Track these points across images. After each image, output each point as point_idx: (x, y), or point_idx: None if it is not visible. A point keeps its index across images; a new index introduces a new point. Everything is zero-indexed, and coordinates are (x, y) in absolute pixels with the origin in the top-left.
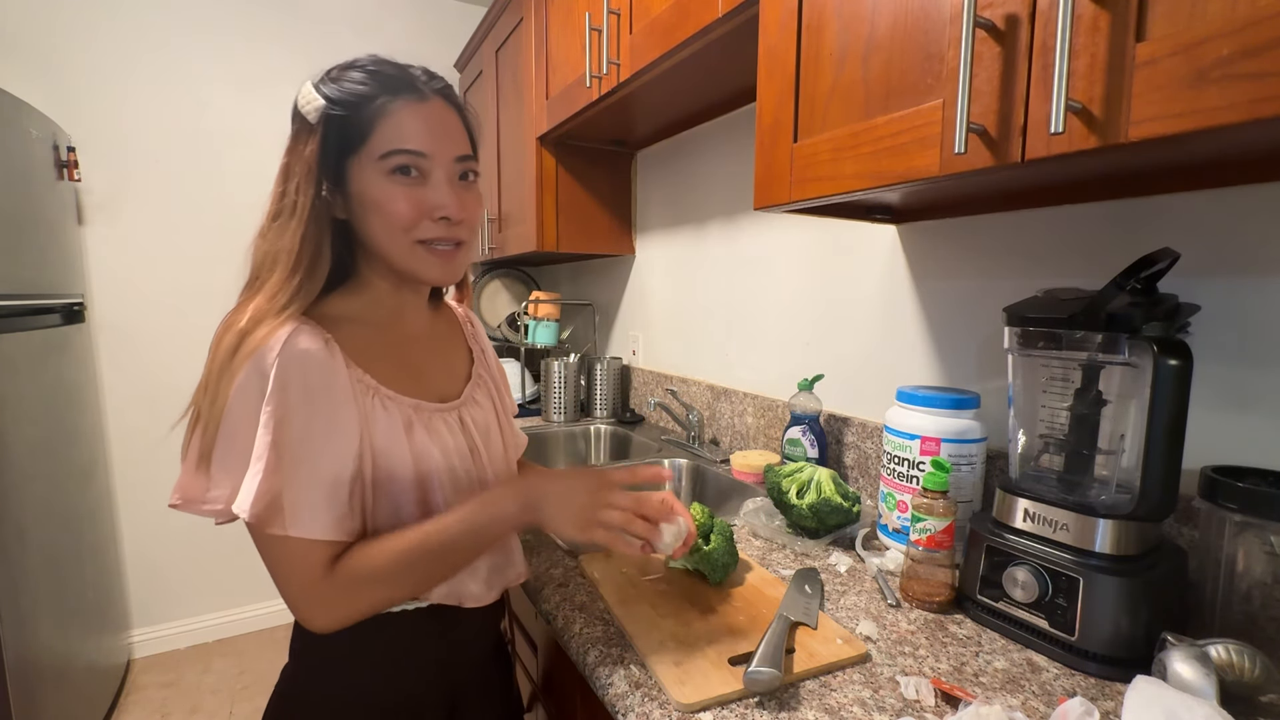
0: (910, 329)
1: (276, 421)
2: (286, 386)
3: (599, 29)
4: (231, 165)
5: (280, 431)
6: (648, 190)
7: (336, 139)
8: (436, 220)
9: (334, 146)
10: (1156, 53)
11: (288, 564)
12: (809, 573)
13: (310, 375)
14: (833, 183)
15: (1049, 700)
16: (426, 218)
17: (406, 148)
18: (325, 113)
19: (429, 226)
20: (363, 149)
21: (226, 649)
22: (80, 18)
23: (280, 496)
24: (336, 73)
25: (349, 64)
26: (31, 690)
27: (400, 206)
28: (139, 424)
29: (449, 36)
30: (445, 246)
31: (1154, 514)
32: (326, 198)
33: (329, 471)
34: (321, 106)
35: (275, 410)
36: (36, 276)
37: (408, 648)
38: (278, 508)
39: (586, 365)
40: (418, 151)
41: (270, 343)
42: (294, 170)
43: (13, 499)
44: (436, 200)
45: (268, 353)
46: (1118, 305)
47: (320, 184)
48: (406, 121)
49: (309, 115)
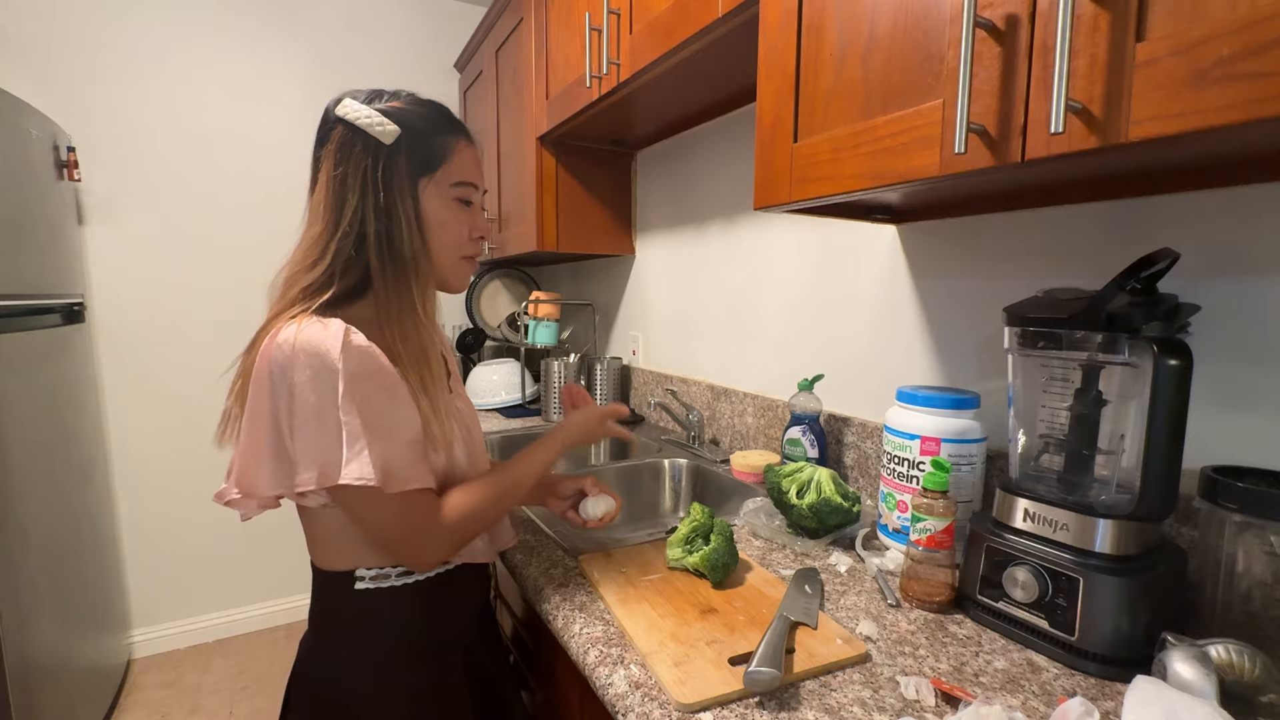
0: (910, 329)
1: (360, 405)
2: (357, 376)
3: (599, 29)
4: (231, 165)
5: (366, 412)
6: (648, 190)
7: (417, 160)
8: (475, 240)
9: (414, 166)
10: (1156, 53)
11: (408, 516)
12: (809, 573)
13: (370, 363)
14: (833, 183)
15: (1049, 700)
16: (471, 238)
17: (473, 181)
18: (404, 137)
19: (470, 245)
20: (439, 173)
21: (226, 649)
22: (80, 18)
23: (388, 461)
24: (389, 100)
25: (389, 93)
26: (31, 690)
27: (459, 227)
28: (139, 424)
29: (449, 36)
30: (475, 260)
31: (1154, 514)
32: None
33: (412, 435)
34: (398, 131)
35: (355, 396)
36: (36, 276)
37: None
38: (390, 470)
39: (586, 365)
40: (478, 185)
41: (330, 341)
42: (355, 183)
43: (13, 499)
44: (480, 224)
45: (330, 350)
46: (1118, 305)
47: (390, 196)
48: (469, 158)
49: (382, 136)
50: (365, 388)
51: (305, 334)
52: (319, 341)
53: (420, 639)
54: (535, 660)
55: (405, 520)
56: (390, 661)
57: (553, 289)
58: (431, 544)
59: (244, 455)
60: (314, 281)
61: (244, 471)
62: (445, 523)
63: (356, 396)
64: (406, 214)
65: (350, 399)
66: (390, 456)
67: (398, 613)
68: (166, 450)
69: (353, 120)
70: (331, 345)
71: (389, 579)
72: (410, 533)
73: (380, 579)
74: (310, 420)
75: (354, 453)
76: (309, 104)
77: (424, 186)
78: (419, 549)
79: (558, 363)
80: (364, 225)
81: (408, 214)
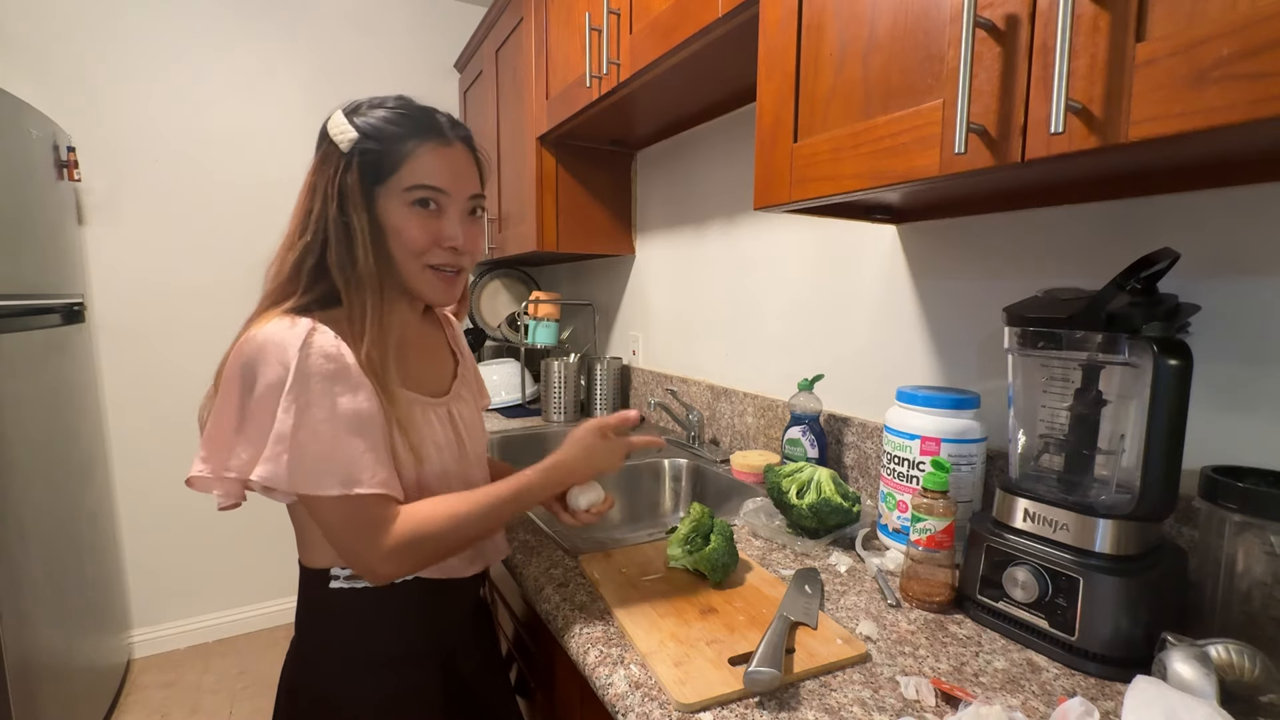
0: (910, 329)
1: (299, 405)
2: (309, 376)
3: (599, 29)
4: (231, 165)
5: (306, 413)
6: (648, 190)
7: (371, 169)
8: (445, 248)
9: (368, 175)
10: (1156, 53)
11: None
12: (809, 573)
13: (328, 364)
14: (833, 183)
15: (1049, 700)
16: (437, 245)
17: (430, 184)
18: (359, 145)
19: (438, 253)
20: (391, 179)
21: (226, 649)
22: (80, 18)
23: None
24: (367, 108)
25: (379, 101)
26: (31, 690)
27: (417, 234)
28: (139, 424)
29: (449, 36)
30: (449, 272)
31: (1154, 514)
32: (346, 218)
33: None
34: (355, 139)
35: (298, 397)
36: (36, 276)
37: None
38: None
39: (586, 365)
40: (439, 189)
41: (290, 339)
42: (320, 190)
43: (13, 499)
44: (449, 231)
45: (289, 348)
46: (1118, 305)
47: (344, 205)
48: (431, 161)
49: (341, 144)
50: (315, 388)
51: (268, 330)
52: (280, 339)
53: (395, 642)
54: (535, 660)
55: (348, 527)
56: (363, 663)
57: (553, 289)
58: (376, 557)
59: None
60: (277, 289)
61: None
62: (395, 536)
63: (300, 396)
64: (360, 223)
65: (292, 397)
66: (322, 459)
67: (372, 614)
68: (166, 450)
69: (329, 131)
70: (291, 343)
71: (362, 579)
72: (354, 540)
73: (354, 579)
74: (255, 413)
75: (273, 452)
76: (309, 104)
77: (380, 195)
78: (363, 559)
79: (558, 363)
80: (326, 233)
81: (361, 224)
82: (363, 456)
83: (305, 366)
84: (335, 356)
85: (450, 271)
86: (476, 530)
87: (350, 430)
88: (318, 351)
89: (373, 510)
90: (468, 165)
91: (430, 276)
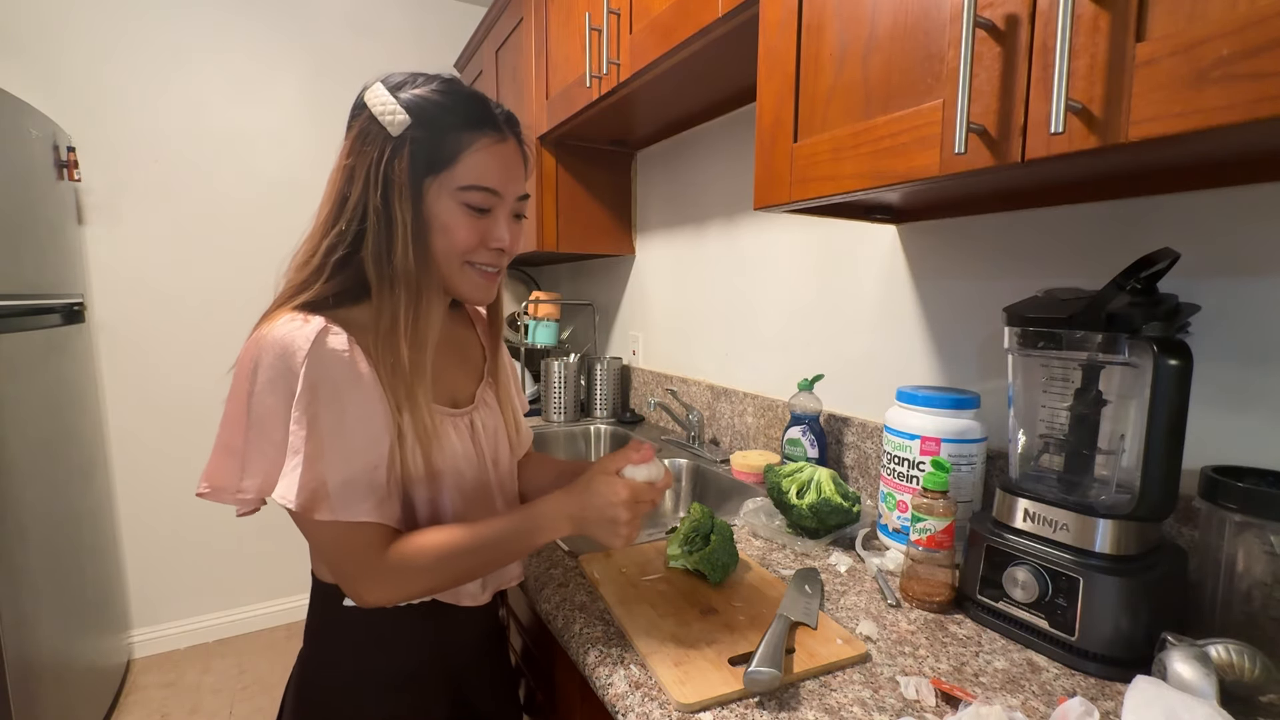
0: (910, 329)
1: (310, 417)
2: (317, 384)
3: (599, 29)
4: (231, 165)
5: (314, 426)
6: (648, 190)
7: (422, 157)
8: (491, 249)
9: (418, 164)
10: (1156, 53)
11: (338, 546)
12: (809, 573)
13: (338, 370)
14: (833, 183)
15: (1049, 700)
16: (484, 246)
17: (486, 185)
18: (411, 131)
19: (483, 253)
20: (445, 174)
21: (226, 649)
22: (81, 18)
23: (324, 485)
24: (414, 86)
25: (424, 77)
26: (31, 690)
27: (465, 235)
28: (139, 424)
29: (449, 36)
30: (490, 270)
31: (1154, 514)
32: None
33: (366, 459)
34: (407, 123)
35: (308, 407)
36: (36, 276)
37: (410, 635)
38: (322, 496)
39: (586, 365)
40: (494, 190)
41: (299, 341)
42: (361, 175)
43: (13, 499)
44: (497, 234)
45: (297, 352)
46: (1118, 305)
47: (388, 194)
48: (488, 160)
49: (390, 126)
50: (326, 396)
51: (278, 331)
52: (290, 340)
53: (405, 664)
54: (535, 660)
55: (340, 551)
56: (372, 682)
57: (553, 289)
58: (367, 584)
59: (216, 450)
60: (302, 280)
61: (214, 463)
62: (388, 566)
63: (312, 405)
64: (404, 216)
65: (303, 406)
66: (331, 478)
67: (382, 635)
68: (166, 450)
69: (372, 107)
70: (300, 345)
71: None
72: (343, 562)
73: None
74: (264, 424)
75: (289, 468)
76: (309, 104)
77: (429, 186)
78: (354, 584)
79: (558, 363)
80: (363, 223)
81: (404, 216)
82: (364, 478)
83: (316, 373)
84: (347, 362)
85: (492, 270)
86: (472, 564)
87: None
88: (330, 356)
89: (363, 535)
90: (518, 163)
91: (471, 275)
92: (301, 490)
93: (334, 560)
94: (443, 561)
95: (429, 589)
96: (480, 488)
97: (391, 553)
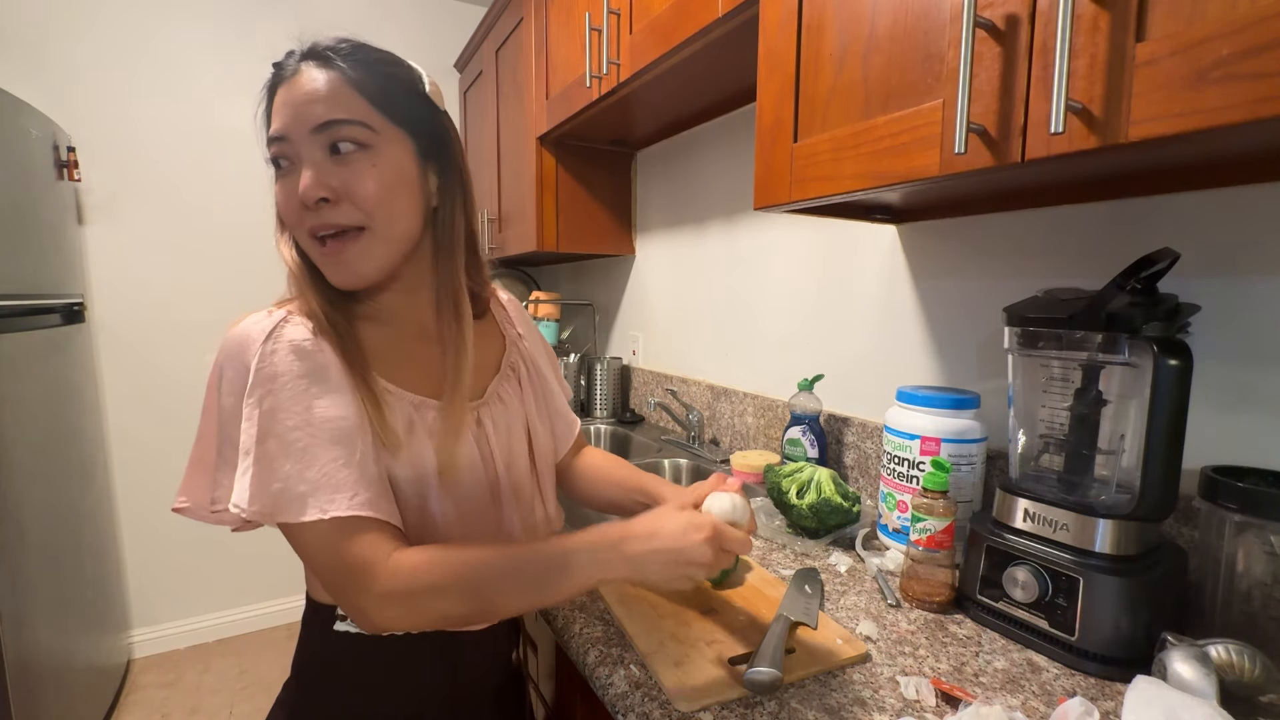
0: (910, 329)
1: (264, 411)
2: (272, 376)
3: (599, 29)
4: (231, 165)
5: (270, 420)
6: (648, 190)
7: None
8: (311, 207)
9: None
10: (1156, 53)
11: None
12: (809, 573)
13: (298, 363)
14: (833, 183)
15: (1049, 700)
16: (302, 208)
17: (270, 132)
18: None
19: (306, 217)
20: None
21: (226, 649)
22: (80, 18)
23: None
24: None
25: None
26: (31, 690)
27: (279, 200)
28: (139, 424)
29: (449, 36)
30: (327, 235)
31: (1154, 514)
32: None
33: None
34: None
35: (260, 400)
36: (36, 276)
37: (411, 672)
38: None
39: (586, 365)
40: (276, 136)
41: (254, 334)
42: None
43: (13, 499)
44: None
45: (250, 344)
46: (1118, 305)
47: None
48: (278, 105)
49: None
50: (282, 390)
51: (241, 325)
52: (246, 335)
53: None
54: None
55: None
56: None
57: (553, 289)
58: (367, 598)
59: (191, 461)
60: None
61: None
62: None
63: (264, 401)
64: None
65: (254, 402)
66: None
67: (378, 670)
68: (166, 450)
69: None
70: (255, 338)
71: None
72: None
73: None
74: (227, 428)
75: (241, 470)
76: None
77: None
78: (351, 599)
79: None
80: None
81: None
82: (341, 471)
83: (269, 364)
84: (308, 353)
85: (328, 234)
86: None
87: (329, 439)
88: (285, 346)
89: (360, 538)
90: (316, 90)
91: (319, 254)
92: (257, 493)
93: (327, 570)
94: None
95: (446, 615)
96: (484, 490)
97: (401, 560)
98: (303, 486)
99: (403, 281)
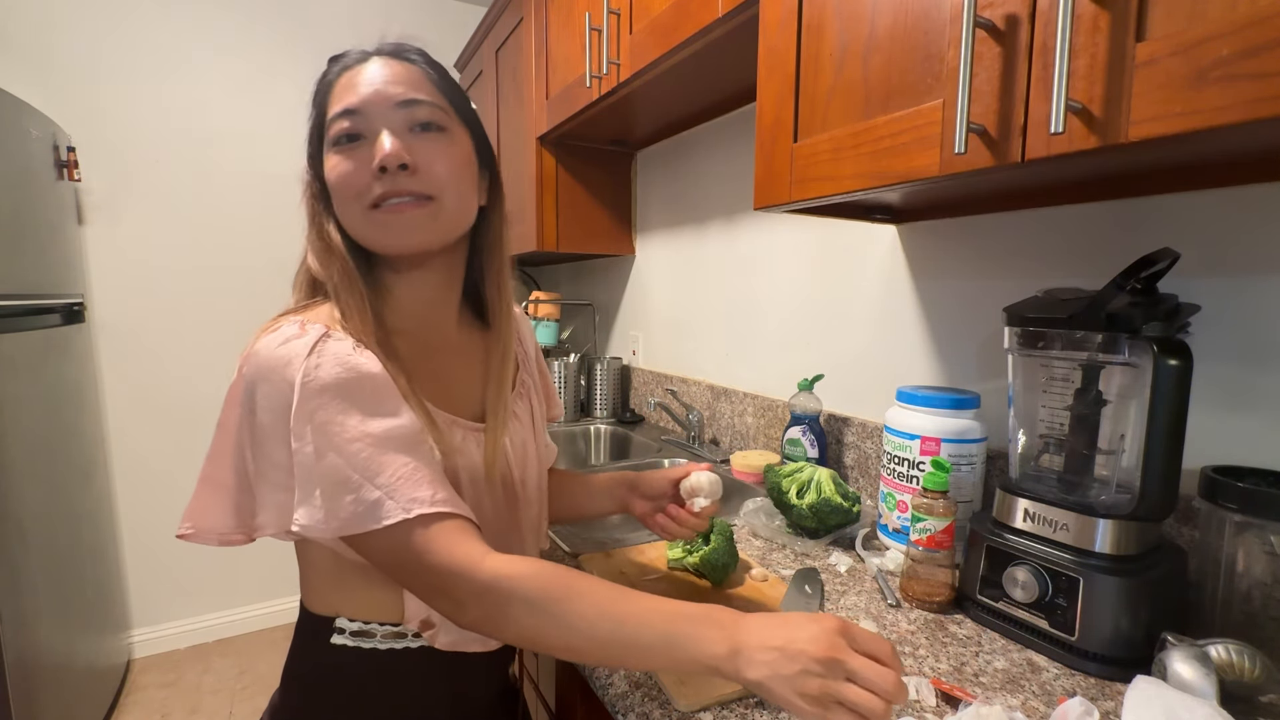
0: (910, 329)
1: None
2: (321, 390)
3: (599, 29)
4: (231, 165)
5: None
6: (648, 190)
7: (315, 135)
8: (380, 175)
9: (314, 141)
10: (1156, 53)
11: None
12: (809, 573)
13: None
14: (833, 183)
15: (1049, 700)
16: (371, 177)
17: (340, 109)
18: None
19: (375, 186)
20: (325, 136)
21: (226, 649)
22: (81, 18)
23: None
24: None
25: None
26: (31, 690)
27: (339, 173)
28: (139, 424)
29: (449, 36)
30: (399, 201)
31: (1154, 514)
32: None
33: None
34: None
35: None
36: (36, 276)
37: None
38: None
39: (586, 365)
40: (350, 109)
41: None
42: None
43: (13, 499)
44: (373, 152)
45: (294, 359)
46: (1118, 305)
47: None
48: (345, 86)
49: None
50: (331, 403)
51: (273, 340)
52: (286, 351)
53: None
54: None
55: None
56: None
57: (553, 289)
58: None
59: (202, 481)
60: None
61: (198, 500)
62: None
63: (316, 416)
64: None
65: (303, 419)
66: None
67: (373, 686)
68: (166, 450)
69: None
70: (297, 353)
71: (373, 637)
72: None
73: (362, 636)
74: (265, 447)
75: (301, 490)
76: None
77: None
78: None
79: (558, 363)
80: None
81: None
82: (415, 473)
83: (315, 378)
84: (355, 365)
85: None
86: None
87: (394, 448)
88: (331, 360)
89: (450, 535)
90: (394, 74)
91: (377, 216)
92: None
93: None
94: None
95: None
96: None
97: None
98: (376, 494)
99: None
